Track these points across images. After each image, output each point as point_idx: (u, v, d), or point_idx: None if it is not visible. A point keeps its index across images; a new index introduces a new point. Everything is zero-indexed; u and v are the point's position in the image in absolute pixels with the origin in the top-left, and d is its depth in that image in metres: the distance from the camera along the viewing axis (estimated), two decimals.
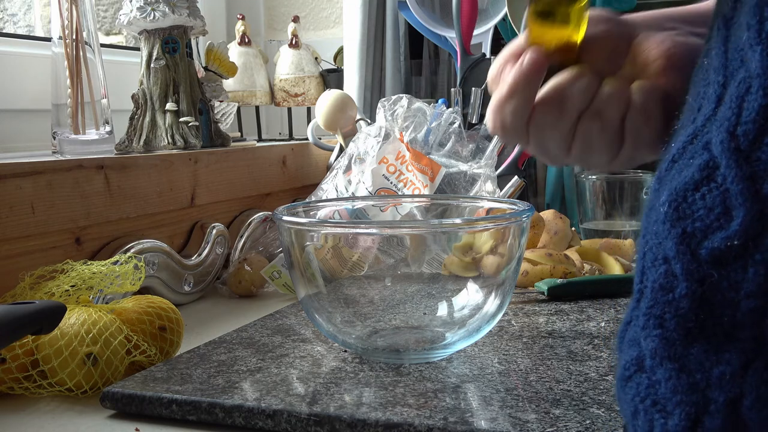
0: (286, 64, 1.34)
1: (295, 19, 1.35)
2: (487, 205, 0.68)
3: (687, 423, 0.27)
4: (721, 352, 0.27)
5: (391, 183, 0.91)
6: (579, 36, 0.45)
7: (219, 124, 1.07)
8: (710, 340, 0.27)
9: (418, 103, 0.96)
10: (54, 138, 0.90)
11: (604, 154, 0.46)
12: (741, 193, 0.27)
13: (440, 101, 1.01)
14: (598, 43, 0.45)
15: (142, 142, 0.96)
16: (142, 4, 0.95)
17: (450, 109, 0.97)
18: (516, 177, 0.96)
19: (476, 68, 1.10)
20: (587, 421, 0.47)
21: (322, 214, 0.71)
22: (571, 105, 0.44)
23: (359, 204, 0.77)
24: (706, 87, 0.30)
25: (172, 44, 0.97)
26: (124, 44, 1.30)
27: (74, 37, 0.88)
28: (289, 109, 1.39)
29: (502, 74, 0.46)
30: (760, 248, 0.26)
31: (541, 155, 0.48)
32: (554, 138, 0.46)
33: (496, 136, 0.97)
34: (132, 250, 0.79)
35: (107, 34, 1.32)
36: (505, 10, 1.16)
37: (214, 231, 0.93)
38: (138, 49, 1.01)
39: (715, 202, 0.27)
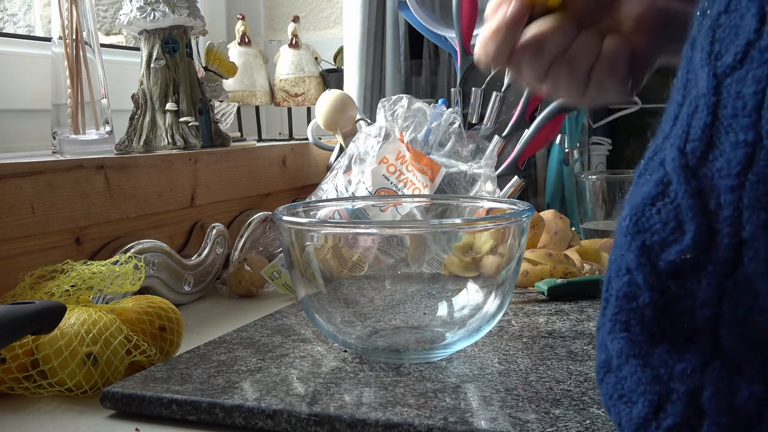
0: (286, 64, 1.34)
1: (295, 19, 1.35)
2: (487, 205, 0.68)
3: (650, 410, 0.29)
4: (682, 352, 0.28)
5: (391, 183, 0.91)
6: None
7: (219, 124, 1.07)
8: (672, 343, 0.29)
9: (418, 103, 0.96)
10: (54, 138, 0.90)
11: (570, 93, 0.52)
12: (690, 209, 0.28)
13: (440, 101, 1.01)
14: None
15: (142, 142, 0.96)
16: (142, 4, 0.94)
17: (450, 109, 0.97)
18: (516, 177, 0.96)
19: (476, 68, 1.10)
20: (587, 421, 0.47)
21: (322, 214, 0.71)
22: (547, 51, 0.50)
23: (359, 204, 0.77)
24: (670, 105, 0.32)
25: (172, 44, 0.97)
26: (124, 44, 1.30)
27: (74, 37, 0.88)
28: (289, 109, 1.39)
29: (498, 10, 0.52)
30: (711, 260, 0.27)
31: (518, 81, 0.55)
32: (529, 73, 0.52)
33: (496, 136, 0.97)
34: (132, 250, 0.79)
35: (107, 34, 1.32)
36: None
37: (214, 231, 0.94)
38: (138, 49, 1.01)
39: (669, 217, 0.29)
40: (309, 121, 1.30)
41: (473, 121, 1.06)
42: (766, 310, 0.26)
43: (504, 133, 1.01)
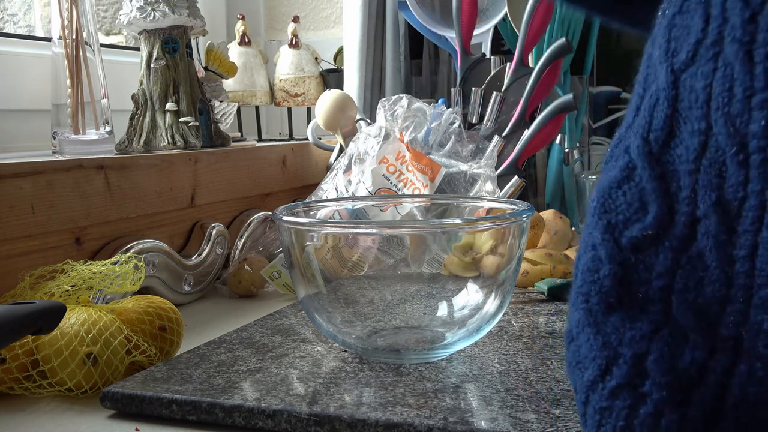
0: (286, 64, 1.34)
1: (295, 19, 1.35)
2: (487, 205, 0.68)
3: (598, 372, 0.32)
4: (634, 321, 0.31)
5: (391, 183, 0.91)
6: None
7: (219, 124, 1.07)
8: (626, 312, 0.31)
9: (418, 103, 0.96)
10: (54, 138, 0.90)
11: None
12: (654, 191, 0.31)
13: (440, 101, 1.00)
14: None
15: (142, 142, 0.96)
16: (142, 4, 0.94)
17: (450, 109, 0.97)
18: (516, 177, 0.96)
19: (476, 68, 1.10)
20: None
21: (322, 214, 0.71)
22: None
23: (359, 204, 0.77)
24: (632, 98, 0.35)
25: (172, 44, 0.97)
26: (124, 44, 1.30)
27: (74, 37, 0.88)
28: (289, 109, 1.39)
29: None
30: (668, 237, 0.31)
31: None
32: None
33: (496, 136, 0.97)
34: (132, 250, 0.79)
35: (107, 34, 1.32)
36: (505, 10, 1.16)
37: (214, 231, 0.93)
38: (138, 49, 1.01)
39: (633, 198, 0.32)
40: (309, 121, 1.30)
41: (473, 121, 1.06)
42: (713, 281, 0.29)
43: (504, 133, 1.01)
